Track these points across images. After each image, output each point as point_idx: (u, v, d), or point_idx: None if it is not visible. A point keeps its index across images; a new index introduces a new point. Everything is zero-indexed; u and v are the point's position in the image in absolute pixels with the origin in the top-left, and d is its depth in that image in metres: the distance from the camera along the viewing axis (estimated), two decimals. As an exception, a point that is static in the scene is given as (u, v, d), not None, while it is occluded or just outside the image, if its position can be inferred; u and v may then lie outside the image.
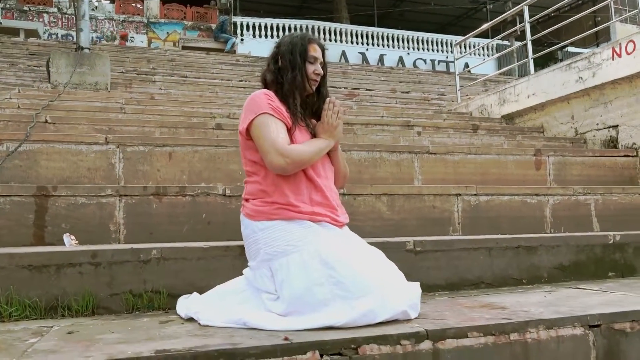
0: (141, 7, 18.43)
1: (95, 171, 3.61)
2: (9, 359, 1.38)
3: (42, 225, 2.81)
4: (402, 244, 2.53)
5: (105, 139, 3.66)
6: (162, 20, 18.44)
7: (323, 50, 2.10)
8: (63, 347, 1.49)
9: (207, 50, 13.11)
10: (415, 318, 1.81)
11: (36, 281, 2.05)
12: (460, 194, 3.57)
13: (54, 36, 16.58)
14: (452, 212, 3.54)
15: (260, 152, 1.89)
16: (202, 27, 18.50)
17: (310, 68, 2.01)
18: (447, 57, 19.73)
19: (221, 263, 2.25)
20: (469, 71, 14.38)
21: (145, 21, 18.21)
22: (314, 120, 2.08)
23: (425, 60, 19.44)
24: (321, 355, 1.49)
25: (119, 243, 2.89)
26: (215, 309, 1.84)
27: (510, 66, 9.92)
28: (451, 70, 16.62)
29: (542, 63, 9.56)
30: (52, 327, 1.84)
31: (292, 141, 1.94)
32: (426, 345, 1.59)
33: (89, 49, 6.77)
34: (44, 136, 3.61)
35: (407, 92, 9.85)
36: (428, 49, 20.04)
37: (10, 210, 2.78)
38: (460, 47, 15.34)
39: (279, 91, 2.00)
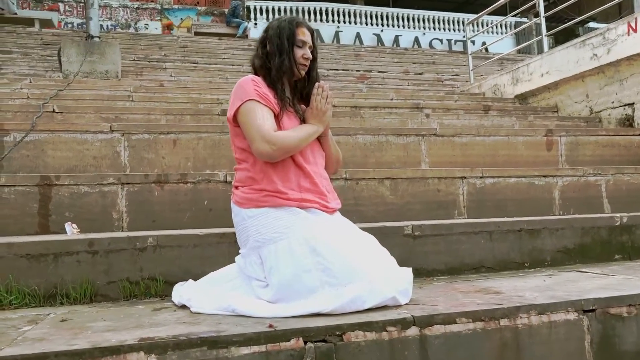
0: (154, -6, 18.44)
1: (101, 159, 3.65)
2: (-3, 346, 1.41)
3: (46, 214, 2.86)
4: (400, 228, 2.51)
5: (110, 127, 3.69)
6: (176, 7, 18.44)
7: (312, 33, 2.05)
8: (52, 335, 1.52)
9: (220, 35, 13.08)
10: (406, 304, 1.79)
11: (35, 270, 2.09)
12: (465, 177, 3.52)
13: (69, 25, 16.73)
14: (457, 196, 3.50)
15: (247, 139, 1.88)
16: (215, 12, 18.45)
17: (299, 52, 1.97)
18: (463, 37, 19.33)
19: (217, 250, 2.26)
20: (486, 50, 14.10)
21: (159, 8, 18.23)
22: (303, 106, 2.05)
23: (441, 40, 19.13)
24: (305, 342, 1.49)
25: (122, 231, 2.93)
26: (207, 296, 1.85)
27: (527, 43, 9.66)
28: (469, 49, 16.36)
29: (563, 40, 9.30)
30: (48, 314, 1.87)
31: (280, 127, 1.92)
32: (413, 331, 1.58)
33: (99, 38, 6.81)
34: (50, 126, 3.66)
35: (420, 74, 9.72)
36: (444, 29, 19.71)
37: (15, 200, 2.83)
38: (476, 26, 15.01)
39: (267, 76, 1.97)
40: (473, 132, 4.43)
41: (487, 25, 17.09)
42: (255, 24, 17.73)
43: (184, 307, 1.91)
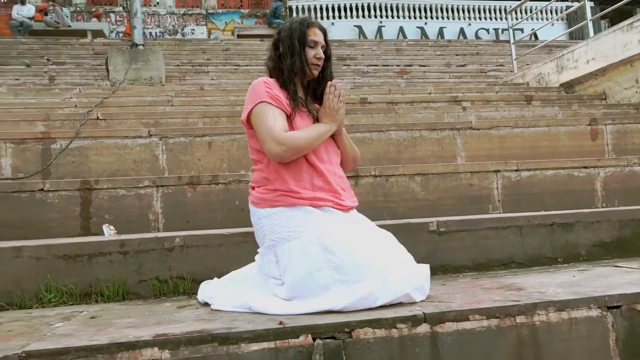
0: (200, -1, 18.91)
1: (140, 163, 3.81)
2: (26, 341, 1.51)
3: (87, 217, 3.02)
4: (425, 224, 2.49)
5: (149, 132, 3.83)
6: (220, 10, 18.83)
7: (325, 33, 2.05)
8: (79, 331, 1.62)
9: (262, 37, 13.26)
10: (422, 301, 1.79)
11: (71, 270, 2.22)
12: (499, 171, 3.43)
13: (120, 34, 17.41)
14: (491, 190, 3.42)
15: (259, 141, 1.92)
16: (258, 14, 18.71)
17: (311, 52, 1.98)
18: (516, 25, 18.76)
19: (240, 249, 2.32)
20: (535, 37, 13.59)
21: (204, 12, 18.67)
22: (317, 105, 2.06)
23: (488, 30, 18.61)
24: (314, 339, 1.52)
25: (158, 232, 3.05)
26: (227, 294, 1.91)
27: (576, 26, 9.25)
28: (517, 38, 15.86)
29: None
30: (82, 312, 1.98)
31: (292, 127, 1.94)
32: (423, 328, 1.58)
33: (143, 46, 7.07)
34: (93, 132, 3.85)
35: (462, 65, 9.51)
36: (491, 18, 19.15)
37: (59, 204, 3.00)
38: (521, 13, 14.52)
39: (280, 78, 1.99)
40: (511, 124, 4.32)
41: (533, 12, 16.51)
42: (298, 23, 17.87)
43: (206, 304, 1.97)
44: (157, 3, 18.73)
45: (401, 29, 18.35)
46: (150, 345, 1.45)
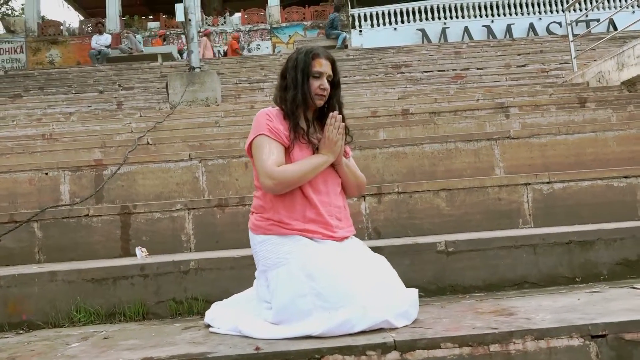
0: (264, 15, 19.51)
1: (182, 185, 4.06)
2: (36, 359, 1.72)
3: (127, 239, 3.28)
4: (433, 245, 2.49)
5: (189, 155, 4.08)
6: (284, 24, 19.33)
7: (333, 62, 2.07)
8: (85, 352, 1.80)
9: (321, 48, 13.45)
10: (405, 326, 1.81)
11: (98, 292, 2.45)
12: (529, 183, 3.33)
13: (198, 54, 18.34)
14: (520, 203, 3.32)
15: (256, 172, 2.03)
16: (320, 25, 18.99)
17: (315, 84, 2.02)
18: (586, 16, 17.73)
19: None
20: (614, 27, 12.70)
21: (269, 27, 19.25)
22: (319, 136, 2.08)
23: (560, 24, 17.68)
24: (285, 365, 1.60)
25: (190, 252, 3.25)
26: (224, 316, 2.04)
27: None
28: (593, 30, 14.97)
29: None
30: (102, 332, 2.19)
31: (290, 159, 2.01)
32: (393, 356, 1.61)
33: (200, 68, 7.46)
34: (140, 158, 4.15)
35: (523, 66, 9.16)
36: (564, 10, 18.18)
37: (102, 228, 3.28)
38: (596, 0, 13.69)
39: (284, 108, 2.06)
40: (553, 131, 4.16)
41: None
42: (360, 31, 17.97)
43: (209, 326, 2.11)
44: (225, 22, 19.55)
45: (466, 29, 17.90)
46: (137, 368, 1.60)
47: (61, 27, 19.55)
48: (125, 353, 1.75)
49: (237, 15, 20.03)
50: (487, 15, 18.24)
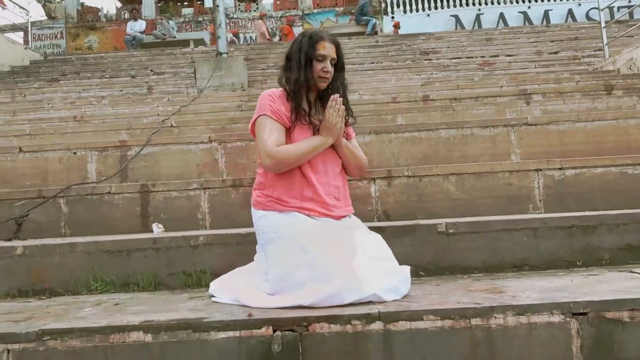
0: (296, 1, 19.53)
1: (202, 166, 4.20)
2: (51, 321, 1.87)
3: (146, 216, 3.44)
4: (434, 226, 2.54)
5: (209, 137, 4.22)
6: (316, 11, 19.31)
7: (337, 45, 2.15)
8: (94, 315, 1.95)
9: (350, 34, 13.45)
10: (395, 300, 1.89)
11: (114, 263, 2.60)
12: (540, 169, 3.32)
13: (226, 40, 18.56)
14: (531, 189, 3.32)
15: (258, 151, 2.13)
16: (352, 11, 18.88)
17: (318, 66, 2.08)
18: (629, 1, 17.07)
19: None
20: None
21: (301, 14, 19.26)
22: (320, 117, 2.16)
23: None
24: (274, 331, 1.70)
25: (205, 229, 3.39)
26: (225, 287, 2.15)
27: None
28: (636, 16, 14.45)
29: None
30: (115, 299, 2.33)
31: (290, 139, 2.10)
32: (377, 326, 1.69)
33: (227, 54, 7.59)
34: (162, 139, 4.31)
35: (555, 53, 8.95)
36: (602, -5, 17.55)
37: (123, 205, 3.45)
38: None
39: (287, 89, 2.14)
40: (573, 119, 4.11)
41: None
42: (392, 17, 17.79)
43: (212, 296, 2.23)
44: (257, 8, 19.67)
45: (501, 16, 17.54)
46: (137, 330, 1.73)
47: (99, 14, 20.05)
48: (129, 317, 1.88)
49: (269, 1, 20.11)
50: (523, 1, 17.80)
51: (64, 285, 2.58)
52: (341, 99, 2.12)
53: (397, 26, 15.90)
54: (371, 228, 2.22)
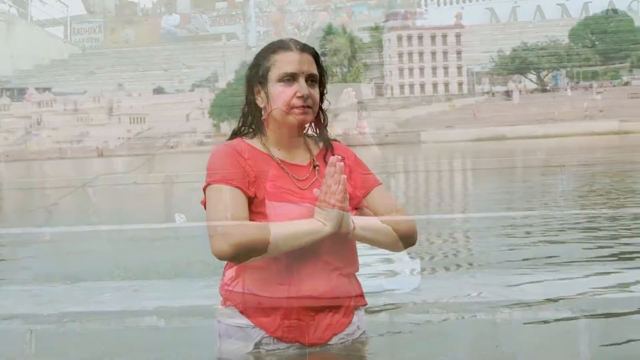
0: (329, -6, 19.53)
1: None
2: (72, 303, 1.96)
3: (169, 206, 3.53)
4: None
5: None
6: (348, 4, 19.27)
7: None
8: (111, 300, 2.03)
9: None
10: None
11: (137, 250, 2.69)
12: None
13: (257, 33, 18.72)
14: None
15: None
16: (385, 4, 18.78)
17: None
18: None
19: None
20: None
21: (333, 7, 19.24)
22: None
23: (643, 1, 16.51)
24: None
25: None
26: (239, 277, 2.18)
27: None
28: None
29: None
30: (134, 286, 2.41)
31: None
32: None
33: (255, 47, 7.65)
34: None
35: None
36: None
37: (148, 195, 3.55)
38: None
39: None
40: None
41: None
42: (425, 9, 17.60)
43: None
44: (290, 1, 19.74)
45: (538, 9, 17.17)
46: (150, 314, 1.79)
47: (136, 8, 20.50)
48: (146, 302, 1.95)
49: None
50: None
51: (88, 271, 2.68)
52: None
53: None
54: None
